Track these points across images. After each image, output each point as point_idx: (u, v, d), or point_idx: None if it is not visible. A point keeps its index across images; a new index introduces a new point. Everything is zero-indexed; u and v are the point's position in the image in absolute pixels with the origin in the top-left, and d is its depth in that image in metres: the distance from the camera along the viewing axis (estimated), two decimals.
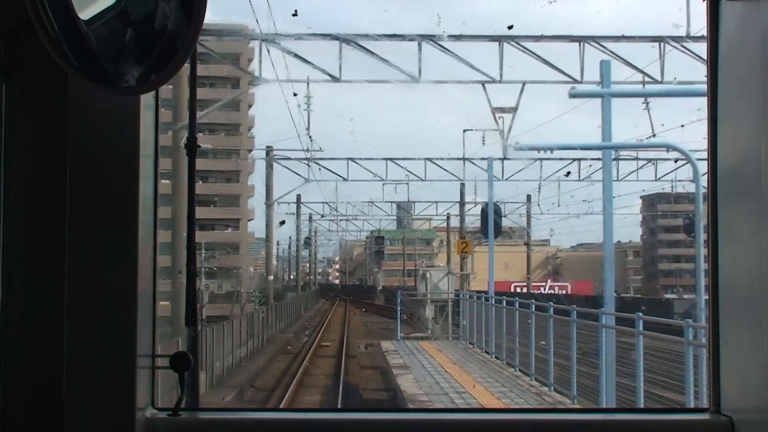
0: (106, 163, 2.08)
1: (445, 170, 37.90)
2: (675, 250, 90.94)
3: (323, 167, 37.77)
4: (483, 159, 35.83)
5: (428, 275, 36.06)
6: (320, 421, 2.33)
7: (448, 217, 53.42)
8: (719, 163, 2.34)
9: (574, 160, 37.76)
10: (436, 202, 50.67)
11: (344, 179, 37.86)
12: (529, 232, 52.04)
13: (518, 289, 44.47)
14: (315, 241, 76.14)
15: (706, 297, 2.44)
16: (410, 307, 37.39)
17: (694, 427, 2.36)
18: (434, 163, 37.34)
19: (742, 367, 2.24)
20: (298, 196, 51.63)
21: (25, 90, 2.06)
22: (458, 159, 37.16)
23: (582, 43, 22.44)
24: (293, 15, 21.67)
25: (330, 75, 22.83)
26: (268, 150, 40.11)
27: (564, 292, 50.59)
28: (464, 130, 37.63)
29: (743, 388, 2.24)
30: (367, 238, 79.42)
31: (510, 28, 22.60)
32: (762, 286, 2.12)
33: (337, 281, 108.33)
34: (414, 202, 49.15)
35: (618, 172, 36.73)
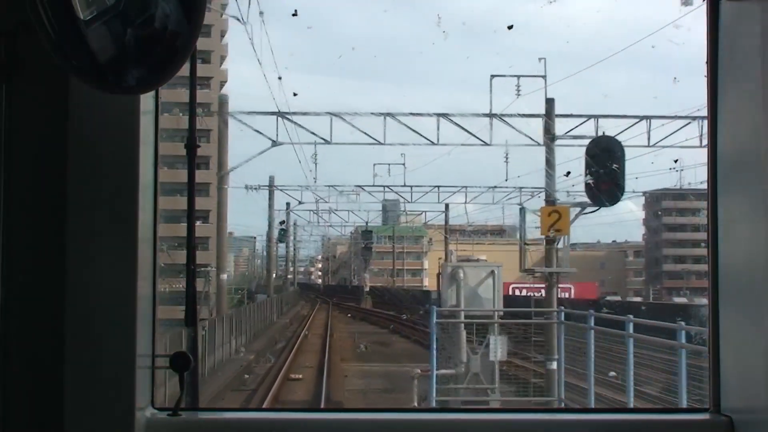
0: (106, 162, 2.25)
1: (468, 131, 27.84)
2: (680, 250, 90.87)
3: (297, 124, 28.82)
4: (521, 116, 26.70)
5: (461, 275, 21.55)
6: (318, 421, 2.51)
7: (447, 207, 48.81)
8: (719, 160, 2.54)
9: (641, 118, 27.62)
10: (438, 187, 40.77)
11: (327, 142, 29.26)
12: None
13: (517, 292, 43.41)
14: (295, 235, 74.52)
15: None
16: (446, 331, 21.34)
17: (694, 427, 2.55)
18: (450, 119, 27.93)
19: (742, 367, 2.43)
20: (271, 178, 45.88)
21: (25, 90, 2.22)
22: (484, 115, 27.21)
23: None
24: (293, 15, 19.78)
25: None
26: (222, 100, 33.04)
27: (567, 295, 50.14)
28: (492, 76, 27.15)
29: (743, 388, 2.42)
30: (352, 233, 78.20)
31: (510, 28, 20.10)
32: (762, 286, 2.31)
33: (319, 281, 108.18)
34: (411, 186, 40.33)
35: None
